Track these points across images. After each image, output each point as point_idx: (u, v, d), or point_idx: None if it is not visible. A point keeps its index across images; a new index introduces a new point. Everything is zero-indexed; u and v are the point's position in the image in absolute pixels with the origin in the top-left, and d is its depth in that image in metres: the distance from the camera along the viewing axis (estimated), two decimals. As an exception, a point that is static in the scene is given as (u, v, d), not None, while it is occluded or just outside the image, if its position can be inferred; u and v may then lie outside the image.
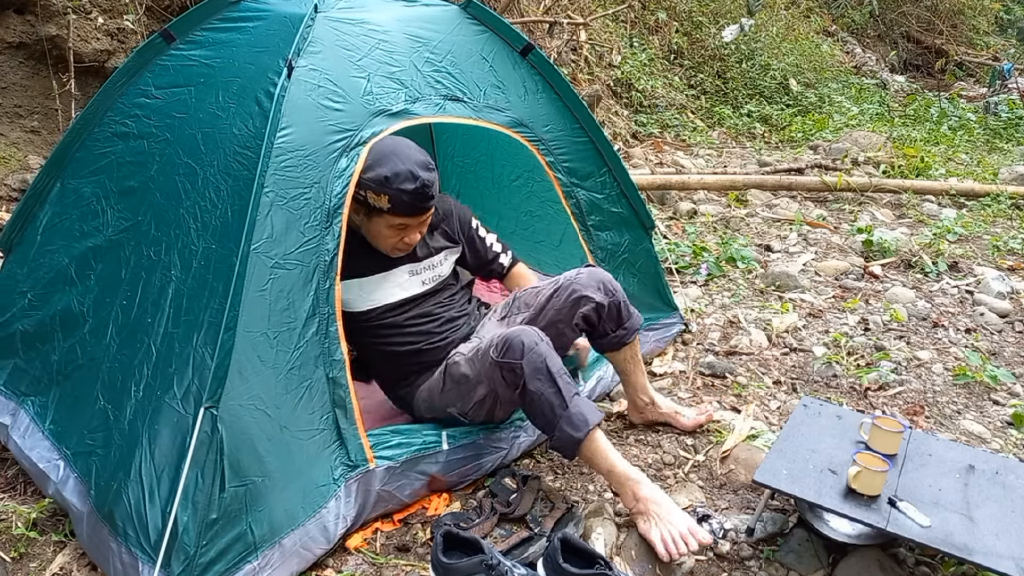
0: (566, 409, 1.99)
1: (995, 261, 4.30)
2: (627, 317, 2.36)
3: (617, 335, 2.36)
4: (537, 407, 2.02)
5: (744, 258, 4.06)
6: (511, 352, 2.02)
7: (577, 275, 2.32)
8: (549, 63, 2.64)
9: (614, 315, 2.33)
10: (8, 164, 3.86)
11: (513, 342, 2.03)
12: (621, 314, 2.35)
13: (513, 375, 2.02)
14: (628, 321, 2.37)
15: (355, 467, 1.96)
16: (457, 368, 2.19)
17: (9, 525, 1.98)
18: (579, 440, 1.99)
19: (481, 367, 2.11)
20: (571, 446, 2.00)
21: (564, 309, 2.28)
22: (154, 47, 2.29)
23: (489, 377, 2.09)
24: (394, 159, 2.10)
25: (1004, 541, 1.75)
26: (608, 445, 2.04)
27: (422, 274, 2.35)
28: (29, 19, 3.98)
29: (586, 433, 1.98)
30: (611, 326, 2.35)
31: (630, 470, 2.02)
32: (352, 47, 2.13)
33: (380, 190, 2.09)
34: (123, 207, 2.14)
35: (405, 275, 2.31)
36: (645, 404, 2.51)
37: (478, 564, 1.73)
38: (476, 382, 2.13)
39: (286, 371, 1.85)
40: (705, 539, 1.91)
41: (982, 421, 2.72)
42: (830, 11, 11.18)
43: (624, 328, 2.36)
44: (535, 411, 2.04)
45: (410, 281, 2.32)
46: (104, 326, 2.02)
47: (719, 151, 6.91)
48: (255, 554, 1.74)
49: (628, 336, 2.37)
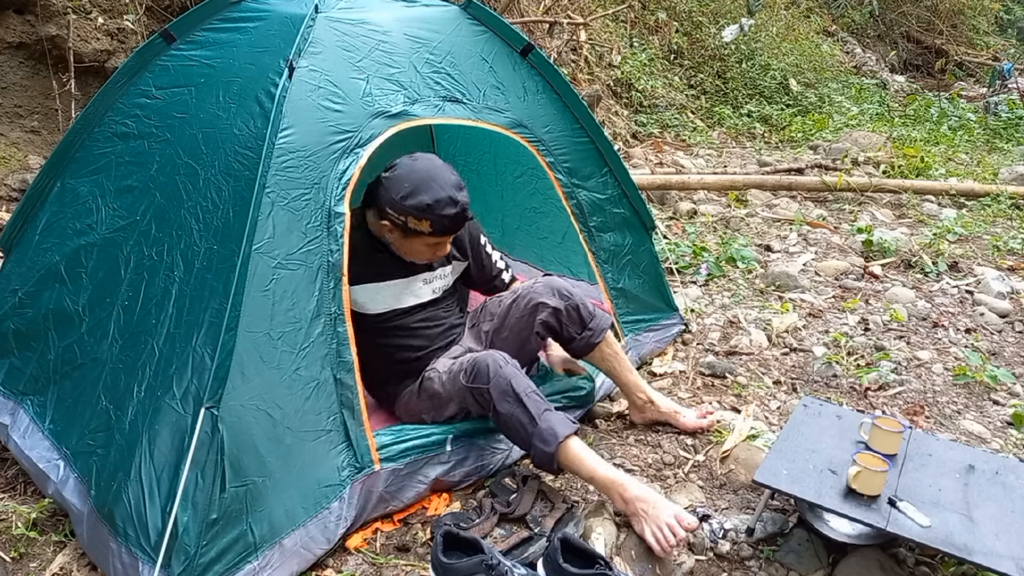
0: (536, 426, 2.05)
1: (995, 261, 4.30)
2: (589, 318, 2.37)
3: (583, 337, 2.37)
4: (510, 427, 2.10)
5: (744, 258, 4.06)
6: (479, 378, 2.12)
7: (534, 284, 2.42)
8: (549, 63, 2.64)
9: (574, 318, 2.35)
10: (8, 164, 3.86)
11: (480, 367, 2.12)
12: (582, 315, 2.36)
13: (483, 398, 2.11)
14: (592, 322, 2.37)
15: (361, 469, 1.96)
16: (431, 384, 2.27)
17: (9, 525, 1.98)
18: (552, 454, 2.03)
19: (452, 388, 2.20)
20: (547, 460, 2.05)
21: (524, 317, 2.37)
22: (154, 47, 2.29)
23: (460, 398, 2.19)
24: (434, 186, 2.13)
25: (1004, 541, 1.75)
26: (587, 453, 2.06)
27: (433, 283, 2.43)
28: (29, 19, 3.98)
29: (557, 446, 2.02)
30: (575, 329, 2.37)
31: (613, 474, 2.04)
32: (352, 48, 2.13)
33: (422, 216, 2.13)
34: (119, 205, 2.14)
35: (420, 283, 2.40)
36: (644, 403, 2.51)
37: (478, 564, 1.73)
38: (448, 399, 2.22)
39: (291, 371, 1.85)
40: (691, 523, 1.93)
41: (982, 421, 2.72)
42: (830, 11, 11.18)
43: (589, 329, 2.37)
44: (509, 431, 2.12)
45: (423, 289, 2.41)
46: (105, 326, 2.02)
47: (719, 151, 6.91)
48: (255, 554, 1.74)
49: (595, 336, 2.37)
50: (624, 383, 2.49)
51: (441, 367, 2.30)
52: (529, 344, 2.38)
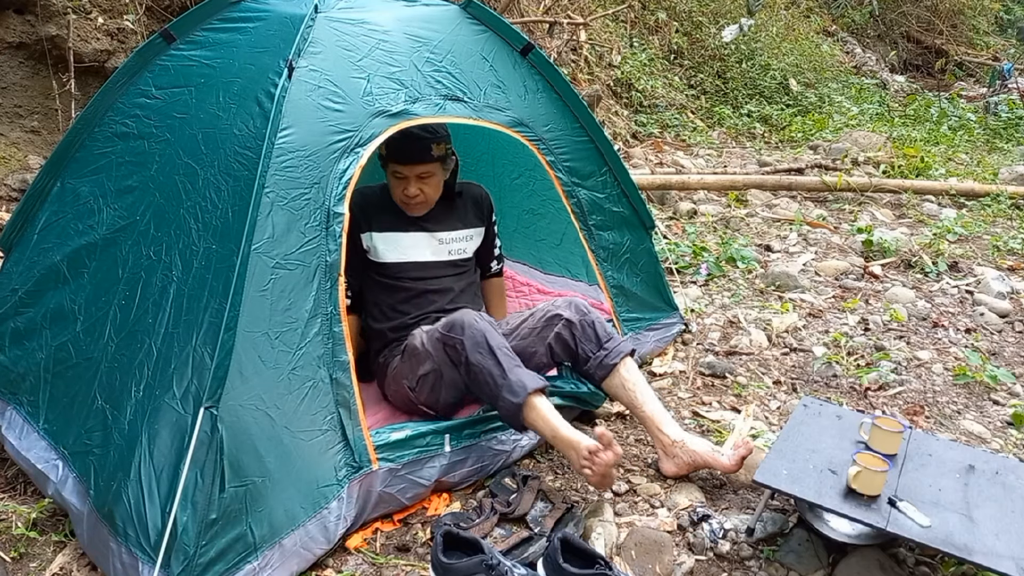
0: (505, 378, 2.08)
1: (995, 261, 4.30)
2: (606, 337, 2.34)
3: (599, 356, 2.32)
4: (480, 379, 2.12)
5: (744, 258, 4.06)
6: (454, 329, 2.17)
7: (555, 300, 2.46)
8: (549, 63, 2.64)
9: (590, 335, 2.33)
10: (8, 164, 3.86)
11: (455, 320, 2.20)
12: (598, 333, 2.34)
13: (455, 351, 2.16)
14: (608, 342, 2.33)
15: (359, 468, 1.96)
16: (412, 342, 2.33)
17: (9, 525, 1.98)
18: (519, 405, 2.05)
19: (430, 342, 2.26)
20: (514, 411, 2.07)
21: (538, 328, 2.39)
22: (154, 47, 2.29)
23: (435, 352, 2.22)
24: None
25: (1004, 541, 1.75)
26: (552, 412, 2.08)
27: (450, 244, 2.55)
28: (29, 19, 3.97)
29: (525, 398, 2.05)
30: (590, 347, 2.33)
31: (576, 435, 2.05)
32: (352, 47, 2.13)
33: (385, 142, 2.24)
34: (120, 205, 2.14)
35: (435, 241, 2.52)
36: (671, 443, 2.24)
37: (478, 564, 1.73)
38: (424, 356, 2.25)
39: (288, 371, 1.85)
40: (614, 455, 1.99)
41: (982, 421, 2.72)
42: (830, 11, 11.18)
43: (604, 348, 2.32)
44: (479, 384, 2.13)
45: (439, 248, 2.53)
46: (100, 325, 2.02)
47: (719, 151, 6.91)
48: (255, 554, 1.74)
49: (611, 357, 2.30)
50: (649, 417, 2.27)
51: (426, 328, 2.35)
52: (537, 354, 2.35)
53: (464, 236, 2.59)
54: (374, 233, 2.46)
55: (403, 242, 2.47)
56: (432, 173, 2.42)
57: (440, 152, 2.41)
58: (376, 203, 2.50)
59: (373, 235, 2.46)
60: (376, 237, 2.45)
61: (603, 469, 2.00)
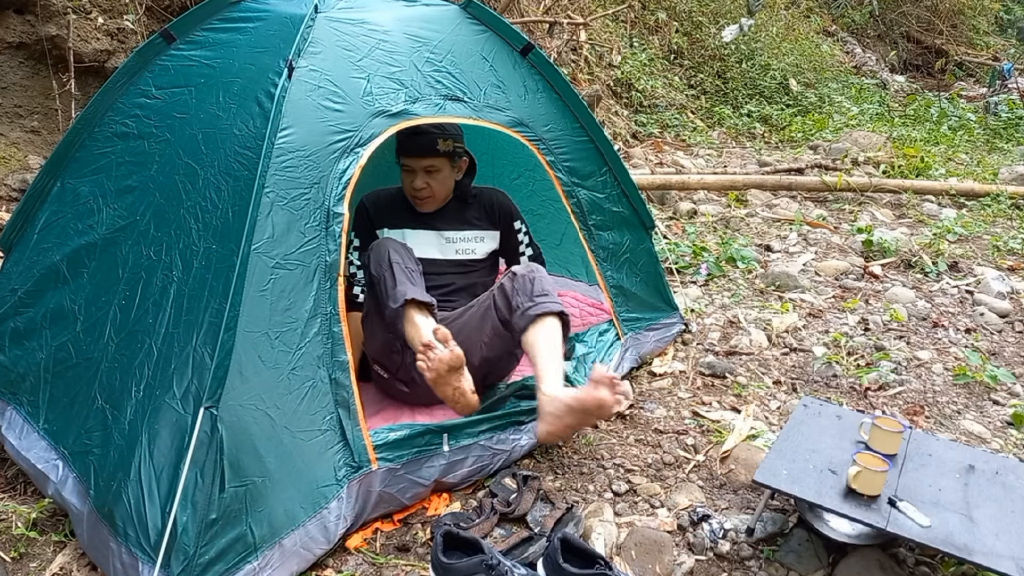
0: (395, 288, 2.22)
1: (995, 261, 4.30)
2: (540, 292, 2.27)
3: (525, 306, 2.25)
4: (379, 293, 2.26)
5: (744, 258, 4.06)
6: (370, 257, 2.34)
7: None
8: (549, 63, 2.64)
9: (527, 289, 2.28)
10: (8, 164, 3.86)
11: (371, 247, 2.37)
12: (534, 288, 2.28)
13: (371, 276, 2.32)
14: (540, 296, 2.25)
15: (358, 468, 1.96)
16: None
17: (9, 525, 1.98)
18: (397, 311, 2.18)
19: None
20: (394, 319, 2.19)
21: (490, 281, 2.61)
22: (154, 47, 2.29)
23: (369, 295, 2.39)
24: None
25: (1004, 541, 1.75)
26: (424, 322, 2.17)
27: (457, 243, 2.62)
28: (29, 19, 3.97)
29: (403, 304, 2.17)
30: (521, 300, 2.27)
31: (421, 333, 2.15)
32: (352, 47, 2.13)
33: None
34: (119, 205, 2.14)
35: (442, 239, 2.61)
36: (543, 399, 2.15)
37: (478, 564, 1.73)
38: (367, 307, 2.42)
39: (288, 371, 1.85)
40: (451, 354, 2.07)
41: (982, 421, 2.72)
42: (830, 11, 11.18)
43: (532, 301, 2.25)
44: (381, 300, 2.26)
45: (446, 246, 2.61)
46: (100, 325, 2.02)
47: (719, 151, 6.91)
48: (255, 554, 1.74)
49: (535, 308, 2.22)
50: (536, 376, 2.20)
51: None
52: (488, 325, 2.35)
53: (473, 237, 2.64)
54: (386, 230, 2.59)
55: (409, 239, 2.54)
56: (438, 168, 2.52)
57: (447, 148, 2.50)
58: (390, 202, 2.65)
59: (385, 231, 2.58)
60: (387, 233, 2.57)
61: (437, 366, 2.05)
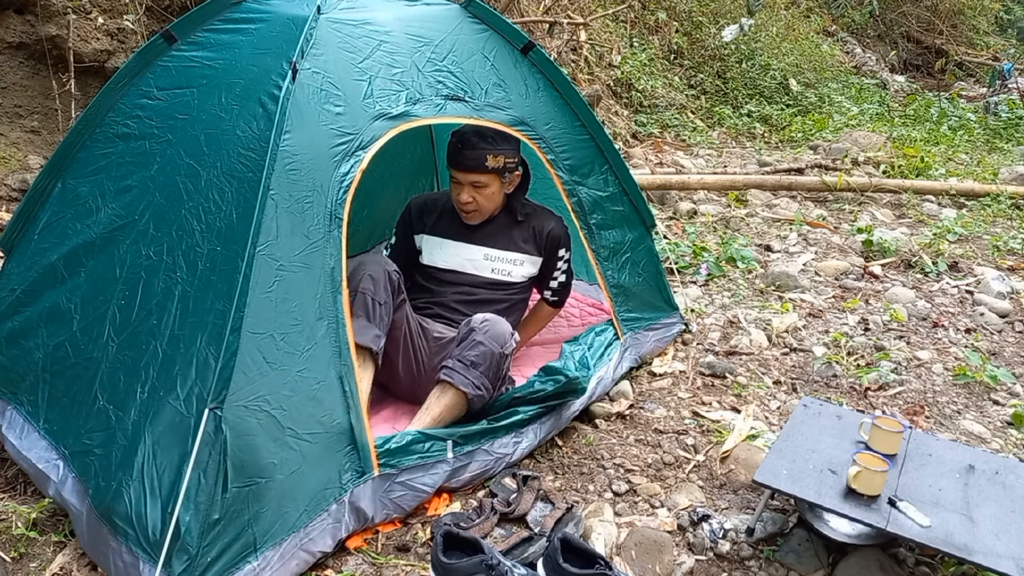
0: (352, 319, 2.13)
1: (995, 261, 4.30)
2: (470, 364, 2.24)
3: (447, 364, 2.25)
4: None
5: (744, 258, 4.07)
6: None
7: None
8: (550, 61, 2.64)
9: (465, 352, 2.24)
10: (8, 164, 3.86)
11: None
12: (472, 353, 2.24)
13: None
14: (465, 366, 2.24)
15: (362, 473, 1.96)
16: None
17: (9, 525, 1.98)
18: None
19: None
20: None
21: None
22: (156, 48, 2.28)
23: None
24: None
25: (1004, 541, 1.76)
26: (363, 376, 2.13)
27: (495, 262, 2.58)
28: (29, 19, 3.97)
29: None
30: (455, 355, 2.26)
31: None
32: (354, 49, 2.13)
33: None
34: (117, 205, 2.14)
35: (480, 255, 2.56)
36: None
37: (478, 564, 1.73)
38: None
39: (294, 373, 1.85)
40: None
41: (982, 421, 2.72)
42: (830, 11, 11.17)
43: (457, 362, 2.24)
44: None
45: (482, 263, 2.57)
46: (99, 325, 2.01)
47: (719, 151, 6.91)
48: (256, 554, 1.74)
49: (447, 373, 2.23)
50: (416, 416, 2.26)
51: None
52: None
53: (512, 259, 2.58)
54: (425, 235, 2.57)
55: (448, 248, 2.52)
56: (486, 184, 2.48)
57: (496, 164, 2.43)
58: (436, 207, 2.62)
59: (424, 237, 2.55)
60: (426, 239, 2.54)
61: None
